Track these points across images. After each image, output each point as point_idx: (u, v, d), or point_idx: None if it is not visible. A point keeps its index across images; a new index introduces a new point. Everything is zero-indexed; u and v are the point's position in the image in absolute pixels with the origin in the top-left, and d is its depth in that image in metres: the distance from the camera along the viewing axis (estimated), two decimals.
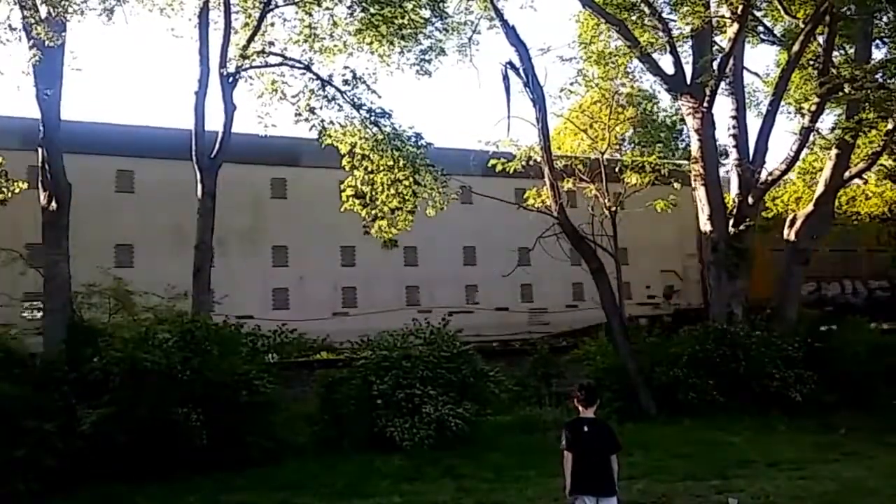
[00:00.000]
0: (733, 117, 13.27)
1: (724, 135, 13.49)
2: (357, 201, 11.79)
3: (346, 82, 11.32)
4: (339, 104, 11.41)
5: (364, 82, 11.35)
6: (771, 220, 15.43)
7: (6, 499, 6.53)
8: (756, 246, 13.01)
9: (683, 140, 22.95)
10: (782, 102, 13.40)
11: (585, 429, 4.71)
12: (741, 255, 12.13)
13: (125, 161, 13.45)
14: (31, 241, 10.12)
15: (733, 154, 13.24)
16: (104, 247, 12.61)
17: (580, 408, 4.85)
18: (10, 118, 12.29)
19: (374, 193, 11.78)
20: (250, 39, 11.04)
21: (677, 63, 12.60)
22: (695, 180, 12.60)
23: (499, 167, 12.40)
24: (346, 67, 11.53)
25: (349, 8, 11.54)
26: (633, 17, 12.85)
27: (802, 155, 13.73)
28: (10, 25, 8.57)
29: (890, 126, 12.72)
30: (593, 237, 11.94)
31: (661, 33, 12.52)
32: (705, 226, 12.29)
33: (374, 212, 11.81)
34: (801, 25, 12.39)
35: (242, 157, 12.14)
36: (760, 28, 14.88)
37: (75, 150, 10.01)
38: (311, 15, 11.65)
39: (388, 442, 8.23)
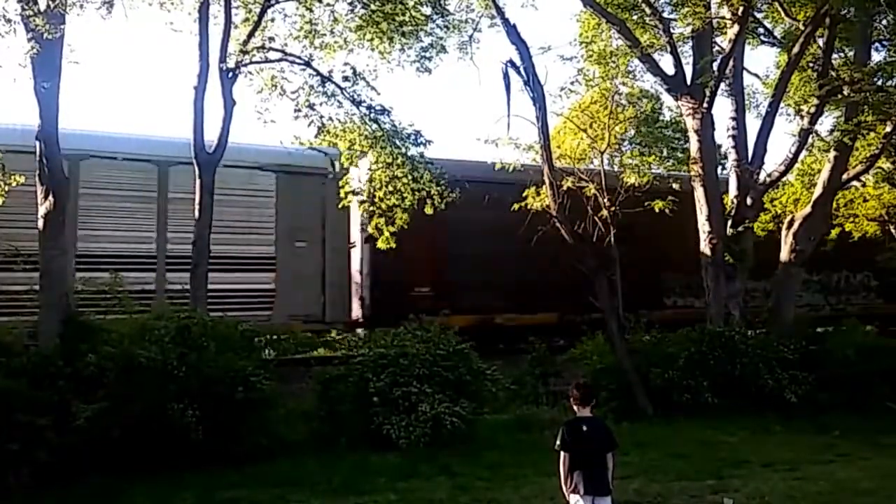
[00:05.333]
0: (733, 118, 13.26)
1: (723, 136, 13.51)
2: (354, 197, 11.78)
3: (346, 79, 11.29)
4: (338, 101, 11.38)
5: (364, 79, 11.34)
6: None
7: None
8: None
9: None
10: (781, 104, 13.39)
11: (584, 428, 4.71)
12: (739, 256, 12.14)
13: None
14: None
15: (732, 155, 13.26)
16: None
17: (576, 407, 4.85)
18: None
19: (372, 190, 11.77)
20: (250, 35, 11.00)
21: (677, 63, 12.60)
22: (694, 181, 12.61)
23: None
24: (346, 64, 11.51)
25: (350, 4, 11.51)
26: (634, 17, 12.86)
27: (801, 157, 13.74)
28: (5, 17, 8.50)
29: (888, 129, 12.73)
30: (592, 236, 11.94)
31: (661, 34, 12.52)
32: (704, 226, 12.30)
33: (371, 209, 11.80)
34: (801, 27, 12.41)
35: None
36: (761, 29, 14.89)
37: None
38: (311, 11, 11.62)
39: (384, 439, 8.22)
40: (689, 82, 12.48)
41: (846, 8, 11.93)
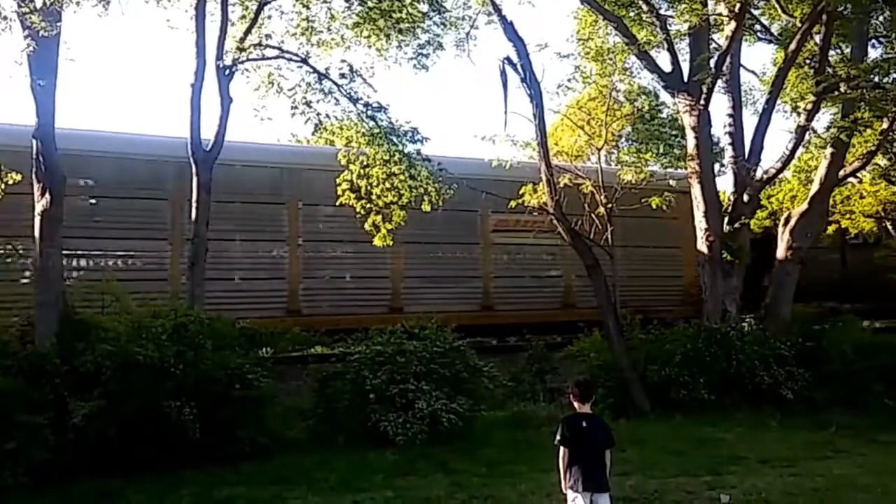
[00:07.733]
0: (730, 115, 13.28)
1: (720, 132, 13.54)
2: (352, 195, 11.75)
3: (342, 76, 11.23)
4: (335, 98, 11.34)
5: (361, 76, 11.30)
6: None
7: None
8: None
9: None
10: (778, 101, 13.40)
11: (584, 424, 4.73)
12: (736, 253, 12.16)
13: None
14: None
15: (729, 152, 13.26)
16: None
17: (576, 404, 4.86)
18: None
19: (369, 187, 11.75)
20: (247, 32, 10.96)
21: (674, 60, 12.58)
22: (690, 177, 12.62)
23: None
24: (343, 61, 11.45)
25: (347, 1, 11.48)
26: (631, 14, 12.83)
27: (798, 153, 13.77)
28: (1, 14, 8.45)
29: (885, 125, 12.76)
30: (589, 234, 11.96)
31: (658, 30, 12.50)
32: (700, 223, 12.31)
33: (368, 206, 11.78)
34: (798, 24, 12.41)
35: None
36: (757, 26, 14.88)
37: None
38: (308, 8, 11.57)
39: (381, 437, 8.22)
40: (686, 79, 12.47)
41: (843, 5, 11.94)
